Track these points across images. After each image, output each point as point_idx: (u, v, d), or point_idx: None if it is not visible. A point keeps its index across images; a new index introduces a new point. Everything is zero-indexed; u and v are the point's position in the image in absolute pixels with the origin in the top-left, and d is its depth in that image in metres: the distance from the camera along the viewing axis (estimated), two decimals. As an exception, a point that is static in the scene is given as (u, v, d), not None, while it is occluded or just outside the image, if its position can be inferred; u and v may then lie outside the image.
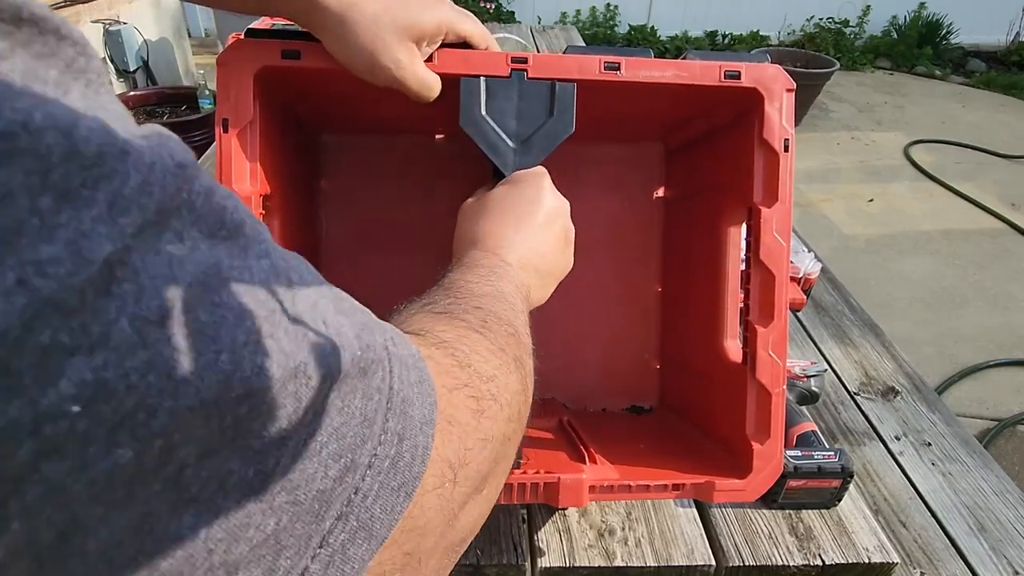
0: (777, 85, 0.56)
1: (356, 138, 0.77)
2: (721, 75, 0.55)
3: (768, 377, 0.57)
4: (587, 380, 0.82)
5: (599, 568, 0.66)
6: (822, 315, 1.37)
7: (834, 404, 1.17)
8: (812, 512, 0.74)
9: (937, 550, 0.95)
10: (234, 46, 0.52)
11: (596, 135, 0.74)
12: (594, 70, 0.55)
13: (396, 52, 0.47)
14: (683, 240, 0.78)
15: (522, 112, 0.55)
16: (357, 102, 0.63)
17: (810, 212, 3.18)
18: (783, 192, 0.56)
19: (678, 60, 0.56)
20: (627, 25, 5.33)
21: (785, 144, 0.56)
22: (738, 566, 0.67)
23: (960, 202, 3.32)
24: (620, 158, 0.79)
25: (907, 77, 5.14)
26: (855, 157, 3.77)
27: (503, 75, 0.54)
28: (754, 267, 0.57)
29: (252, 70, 0.51)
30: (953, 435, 1.13)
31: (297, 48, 0.51)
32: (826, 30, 5.27)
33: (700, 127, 0.70)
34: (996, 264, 2.84)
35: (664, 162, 0.79)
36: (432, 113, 0.55)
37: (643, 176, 0.80)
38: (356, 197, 0.78)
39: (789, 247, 0.56)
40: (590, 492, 0.57)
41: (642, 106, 0.66)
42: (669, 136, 0.78)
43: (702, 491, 0.58)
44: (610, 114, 0.66)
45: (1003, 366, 2.25)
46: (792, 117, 0.57)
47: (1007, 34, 5.40)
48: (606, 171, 0.79)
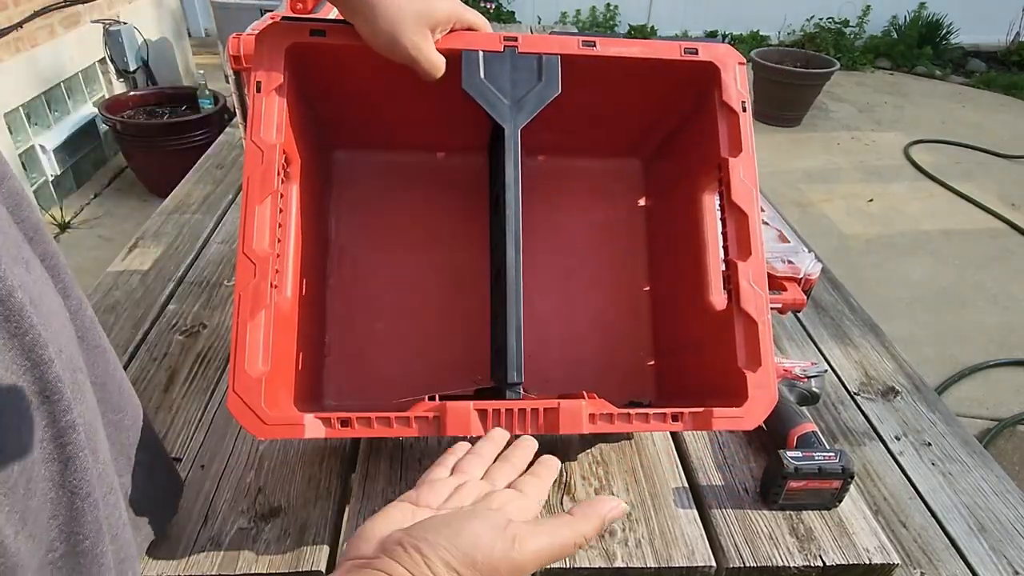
0: (730, 59, 0.66)
1: (365, 154, 0.84)
2: (681, 51, 0.66)
3: (752, 307, 0.61)
4: (585, 378, 0.82)
5: (599, 569, 0.66)
6: (822, 315, 1.37)
7: (834, 404, 1.17)
8: (812, 513, 0.74)
9: (937, 550, 0.95)
10: (271, 26, 0.60)
11: (580, 147, 0.84)
12: (574, 46, 0.64)
13: (414, 35, 0.58)
14: (665, 234, 0.84)
15: (515, 80, 0.64)
16: (370, 100, 0.72)
17: (810, 212, 3.18)
18: (746, 144, 0.64)
19: (645, 39, 0.66)
20: (627, 25, 5.33)
21: (743, 105, 0.65)
22: (738, 567, 0.67)
23: (960, 202, 3.32)
24: (604, 170, 0.87)
25: (907, 77, 5.14)
26: (855, 157, 3.77)
27: (498, 50, 0.63)
28: (728, 210, 0.64)
29: (284, 45, 0.60)
30: (953, 435, 1.13)
31: (323, 28, 0.61)
32: (826, 30, 5.27)
33: (669, 124, 0.77)
34: (996, 264, 2.84)
35: (643, 175, 0.88)
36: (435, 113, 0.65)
37: (625, 186, 0.88)
38: (363, 205, 0.83)
39: (757, 192, 0.63)
40: (590, 421, 0.58)
41: (616, 95, 0.72)
42: (643, 145, 0.85)
43: (700, 420, 0.59)
44: (588, 108, 0.73)
45: (1003, 366, 2.25)
46: (746, 85, 0.66)
47: (1007, 34, 5.40)
48: (593, 182, 0.87)
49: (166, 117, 3.00)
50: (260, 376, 0.55)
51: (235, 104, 0.94)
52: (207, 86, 2.97)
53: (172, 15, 3.84)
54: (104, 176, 3.14)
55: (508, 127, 0.63)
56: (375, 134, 0.81)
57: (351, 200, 0.83)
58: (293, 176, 0.67)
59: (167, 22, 3.77)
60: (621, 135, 0.83)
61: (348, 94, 0.71)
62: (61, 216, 2.77)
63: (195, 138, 2.80)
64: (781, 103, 4.05)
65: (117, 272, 1.21)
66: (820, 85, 4.02)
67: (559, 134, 0.76)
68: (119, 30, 3.16)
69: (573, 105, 0.65)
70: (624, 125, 0.81)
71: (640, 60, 0.65)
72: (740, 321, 0.62)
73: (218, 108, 2.95)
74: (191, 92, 3.06)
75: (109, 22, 3.16)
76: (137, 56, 3.31)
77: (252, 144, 0.59)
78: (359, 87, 0.69)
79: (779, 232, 1.16)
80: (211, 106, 2.96)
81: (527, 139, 0.64)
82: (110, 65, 3.24)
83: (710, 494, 0.75)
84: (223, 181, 1.69)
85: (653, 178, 0.87)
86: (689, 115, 0.74)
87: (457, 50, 0.62)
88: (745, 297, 0.62)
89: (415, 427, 0.57)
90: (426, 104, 0.70)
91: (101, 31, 3.14)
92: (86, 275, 2.14)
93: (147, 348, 0.98)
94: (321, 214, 0.80)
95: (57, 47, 2.85)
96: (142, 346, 0.99)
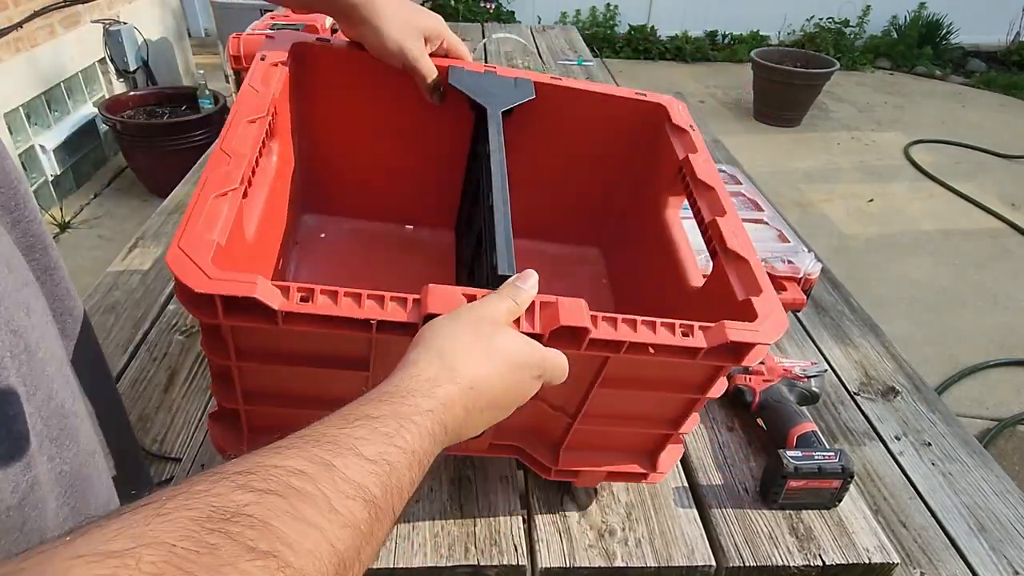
0: (674, 104, 0.79)
1: (332, 219, 0.88)
2: (633, 94, 0.79)
3: (739, 246, 0.62)
4: None
5: (599, 568, 0.66)
6: (822, 315, 1.37)
7: (834, 404, 1.17)
8: (812, 512, 0.74)
9: (937, 550, 0.95)
10: (280, 33, 0.71)
11: (542, 232, 0.90)
12: (545, 78, 0.77)
13: (414, 43, 0.69)
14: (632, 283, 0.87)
15: (495, 87, 0.74)
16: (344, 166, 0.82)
17: (810, 212, 3.19)
18: (700, 147, 0.72)
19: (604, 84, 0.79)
20: (627, 25, 5.33)
21: (690, 127, 0.75)
22: (738, 566, 0.67)
23: (960, 202, 3.32)
24: (565, 255, 0.93)
25: (907, 77, 5.14)
26: (855, 157, 3.77)
27: (480, 71, 0.75)
28: (698, 190, 0.70)
29: (290, 43, 0.71)
30: (953, 435, 1.14)
31: (328, 38, 0.73)
32: (826, 30, 5.27)
33: (627, 190, 0.85)
34: (996, 264, 2.84)
35: (604, 259, 0.93)
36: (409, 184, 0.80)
37: (589, 269, 0.93)
38: (323, 263, 0.84)
39: (718, 176, 0.69)
40: (592, 322, 0.51)
41: (575, 142, 0.82)
42: (603, 229, 0.92)
43: (713, 334, 0.52)
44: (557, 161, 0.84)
45: (1003, 366, 2.25)
46: (690, 119, 0.77)
47: (1007, 34, 5.40)
48: (557, 266, 0.92)
49: (166, 117, 2.99)
50: (213, 243, 0.47)
51: (235, 104, 0.94)
52: (207, 86, 2.97)
53: (172, 15, 3.84)
54: (104, 176, 3.14)
55: (490, 107, 0.71)
56: (345, 201, 0.86)
57: (312, 255, 0.84)
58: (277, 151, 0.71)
59: (167, 22, 3.77)
60: (578, 218, 0.91)
61: (321, 157, 0.81)
62: (61, 216, 2.77)
63: (195, 138, 2.80)
64: (781, 103, 4.05)
65: (117, 272, 1.21)
66: (820, 85, 4.02)
67: (526, 211, 0.78)
68: (119, 30, 3.16)
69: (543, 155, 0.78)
70: (581, 196, 0.88)
71: (603, 95, 0.78)
72: (731, 264, 0.62)
73: (218, 108, 2.95)
74: (191, 92, 3.06)
75: (109, 22, 3.16)
76: (137, 56, 3.31)
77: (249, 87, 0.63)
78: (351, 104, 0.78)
79: (779, 232, 1.16)
80: (211, 106, 2.96)
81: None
82: (110, 65, 3.24)
83: (710, 494, 0.75)
84: (223, 181, 1.69)
85: (613, 265, 0.93)
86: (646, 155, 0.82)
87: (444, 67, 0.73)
88: (730, 240, 0.63)
89: (388, 308, 0.48)
90: (400, 175, 0.83)
91: (101, 31, 3.14)
92: (86, 275, 2.14)
93: (147, 348, 0.98)
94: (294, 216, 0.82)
95: (57, 47, 2.85)
96: (142, 346, 0.99)
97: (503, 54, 2.41)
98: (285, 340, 0.52)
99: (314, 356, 0.54)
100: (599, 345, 0.52)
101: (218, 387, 0.56)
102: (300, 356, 0.54)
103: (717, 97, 4.54)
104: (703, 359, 0.54)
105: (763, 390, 0.86)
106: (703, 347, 0.52)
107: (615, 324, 0.52)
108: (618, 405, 0.61)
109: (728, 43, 5.42)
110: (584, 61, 2.38)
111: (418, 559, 0.65)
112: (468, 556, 0.66)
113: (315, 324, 0.48)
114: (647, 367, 0.56)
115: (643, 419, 0.63)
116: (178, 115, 3.00)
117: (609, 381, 0.57)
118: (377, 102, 0.78)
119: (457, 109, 0.74)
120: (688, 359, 0.54)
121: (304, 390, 0.57)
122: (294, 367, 0.54)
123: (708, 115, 4.13)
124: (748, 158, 3.29)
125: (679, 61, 5.26)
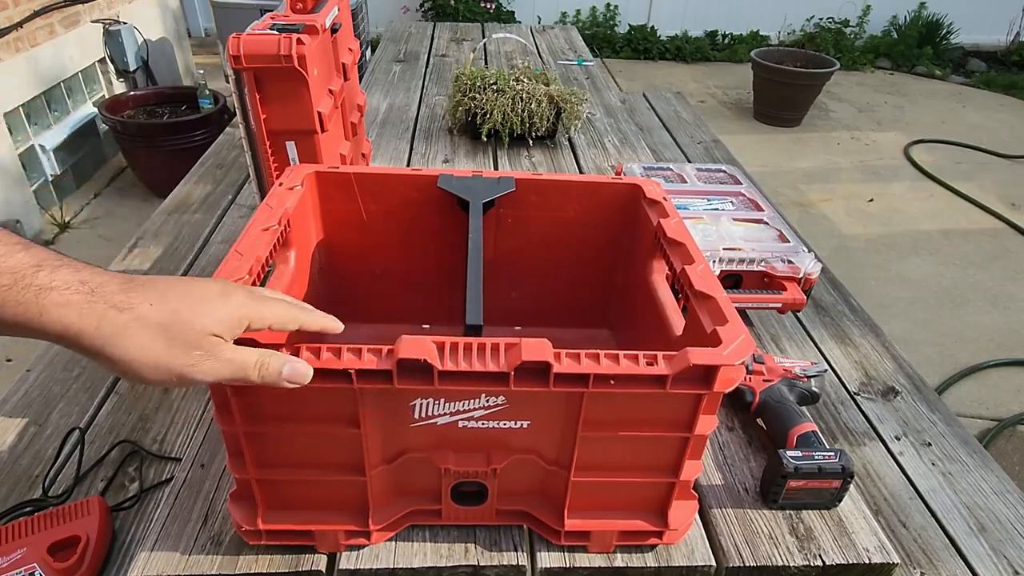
0: (649, 183, 0.85)
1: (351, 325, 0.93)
2: (609, 179, 0.85)
3: (705, 287, 0.65)
4: None
5: (599, 568, 0.66)
6: (822, 315, 1.37)
7: (834, 404, 1.17)
8: (812, 512, 0.74)
9: (937, 550, 0.95)
10: (296, 167, 0.81)
11: (553, 319, 0.92)
12: (526, 175, 0.83)
13: (190, 357, 0.46)
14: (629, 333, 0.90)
15: (479, 185, 0.81)
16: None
17: (810, 212, 3.19)
18: (671, 212, 0.78)
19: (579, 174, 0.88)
20: (627, 25, 5.33)
21: (664, 199, 0.81)
22: (738, 567, 0.67)
23: (960, 202, 3.32)
24: (576, 339, 0.92)
25: (907, 77, 5.14)
26: (855, 157, 3.77)
27: (468, 176, 0.82)
28: (669, 246, 0.74)
29: (304, 173, 0.79)
30: (953, 435, 1.14)
31: (337, 166, 0.82)
32: (826, 30, 5.27)
33: (622, 267, 0.89)
34: (996, 264, 2.84)
35: (614, 339, 0.95)
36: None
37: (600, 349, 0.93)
38: None
39: (687, 233, 0.75)
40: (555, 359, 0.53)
41: (570, 229, 0.87)
42: (608, 309, 0.94)
43: (676, 361, 0.54)
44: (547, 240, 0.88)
45: (1003, 366, 2.25)
46: (664, 192, 0.83)
47: (1007, 34, 5.40)
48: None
49: (166, 117, 3.00)
50: None
51: (235, 104, 0.94)
52: (207, 86, 2.97)
53: (172, 15, 3.84)
54: (104, 176, 3.14)
55: (472, 200, 0.79)
56: (365, 306, 0.89)
57: None
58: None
59: (167, 22, 3.77)
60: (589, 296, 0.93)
61: (337, 268, 0.87)
62: (61, 216, 2.77)
63: (195, 138, 2.80)
64: (781, 103, 4.05)
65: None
66: (820, 85, 4.02)
67: (536, 301, 0.91)
68: (119, 30, 3.16)
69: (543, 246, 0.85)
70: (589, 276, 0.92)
71: (584, 183, 0.84)
72: (700, 302, 0.64)
73: (218, 108, 2.95)
74: (191, 92, 3.06)
75: (109, 22, 3.16)
76: (137, 56, 3.31)
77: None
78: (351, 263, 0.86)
79: (779, 232, 1.16)
80: (211, 106, 2.96)
81: (505, 305, 0.87)
82: (110, 65, 3.24)
83: (710, 494, 0.75)
84: (223, 181, 1.69)
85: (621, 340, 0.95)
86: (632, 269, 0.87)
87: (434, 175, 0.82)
88: (697, 283, 0.66)
89: (365, 358, 0.53)
90: (414, 283, 0.89)
91: (101, 31, 3.14)
92: (86, 275, 2.13)
93: (147, 348, 0.98)
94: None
95: (57, 47, 2.85)
96: (142, 346, 0.98)
97: (503, 54, 2.41)
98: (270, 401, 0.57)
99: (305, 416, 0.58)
100: (566, 380, 0.55)
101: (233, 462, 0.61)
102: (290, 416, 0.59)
103: (717, 97, 4.54)
104: (673, 387, 0.55)
105: (763, 390, 0.86)
106: (668, 373, 0.54)
107: (578, 359, 0.54)
108: (609, 453, 0.62)
109: (728, 43, 5.41)
110: (584, 61, 2.38)
111: (418, 559, 0.65)
112: (468, 556, 0.66)
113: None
114: (623, 404, 0.58)
115: (639, 468, 0.63)
116: (178, 115, 3.00)
117: (591, 423, 0.59)
118: (382, 216, 0.85)
119: (457, 217, 0.82)
120: (658, 388, 0.55)
121: (302, 456, 0.61)
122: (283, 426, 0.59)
123: (708, 115, 4.12)
124: (748, 158, 3.29)
125: (679, 61, 5.26)
